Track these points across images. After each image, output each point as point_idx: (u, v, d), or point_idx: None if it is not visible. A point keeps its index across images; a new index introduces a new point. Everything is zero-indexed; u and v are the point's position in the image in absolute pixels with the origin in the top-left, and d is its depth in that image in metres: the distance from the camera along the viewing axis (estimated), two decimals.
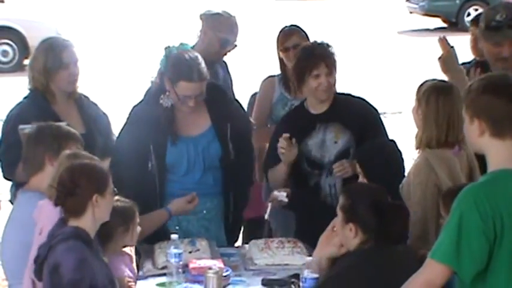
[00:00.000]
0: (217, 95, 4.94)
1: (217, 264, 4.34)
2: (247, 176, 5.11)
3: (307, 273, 3.95)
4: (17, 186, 4.77)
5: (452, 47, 5.04)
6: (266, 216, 4.91)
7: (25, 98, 4.96)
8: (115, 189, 3.90)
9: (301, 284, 3.99)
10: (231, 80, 5.99)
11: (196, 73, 4.72)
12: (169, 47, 4.87)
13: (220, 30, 5.59)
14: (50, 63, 4.86)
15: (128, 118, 4.96)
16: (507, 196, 3.27)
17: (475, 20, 6.24)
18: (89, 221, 3.72)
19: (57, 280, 3.56)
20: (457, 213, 3.27)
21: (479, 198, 3.26)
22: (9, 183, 5.05)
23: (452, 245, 3.25)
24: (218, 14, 5.70)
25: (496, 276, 3.27)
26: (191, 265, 4.39)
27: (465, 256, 3.24)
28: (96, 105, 5.21)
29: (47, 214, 3.92)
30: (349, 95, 5.09)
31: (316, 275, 3.91)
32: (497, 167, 3.35)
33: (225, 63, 5.92)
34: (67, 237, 3.64)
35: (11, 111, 4.92)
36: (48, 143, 4.21)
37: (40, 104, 4.86)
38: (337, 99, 4.90)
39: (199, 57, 4.83)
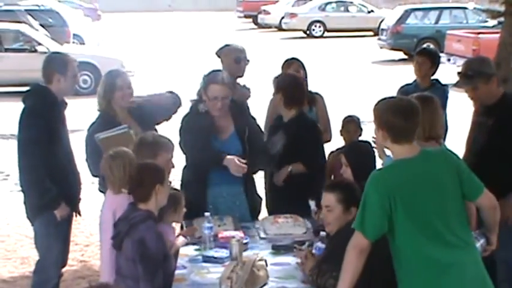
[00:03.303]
0: (238, 108, 5.02)
1: (239, 234, 4.34)
2: (257, 165, 5.02)
3: (319, 244, 3.95)
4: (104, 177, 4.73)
5: None
6: None
7: (97, 118, 4.96)
8: None
9: (314, 251, 3.93)
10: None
11: (220, 78, 4.83)
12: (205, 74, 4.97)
13: (231, 53, 5.64)
14: (108, 88, 4.87)
15: (181, 127, 4.95)
16: (398, 179, 3.37)
17: (419, 52, 6.21)
18: (153, 205, 3.75)
19: (144, 250, 3.60)
20: (364, 193, 3.38)
21: (378, 181, 3.37)
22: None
23: (360, 217, 3.36)
24: (226, 45, 5.75)
25: (398, 235, 3.36)
26: (220, 235, 4.39)
27: (367, 224, 3.33)
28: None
29: (120, 203, 3.92)
30: None
31: (323, 245, 3.89)
32: (396, 158, 3.44)
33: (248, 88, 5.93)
34: (145, 219, 3.67)
35: (90, 126, 4.91)
36: (145, 151, 4.16)
37: (108, 118, 4.84)
38: None
39: (224, 71, 5.02)
